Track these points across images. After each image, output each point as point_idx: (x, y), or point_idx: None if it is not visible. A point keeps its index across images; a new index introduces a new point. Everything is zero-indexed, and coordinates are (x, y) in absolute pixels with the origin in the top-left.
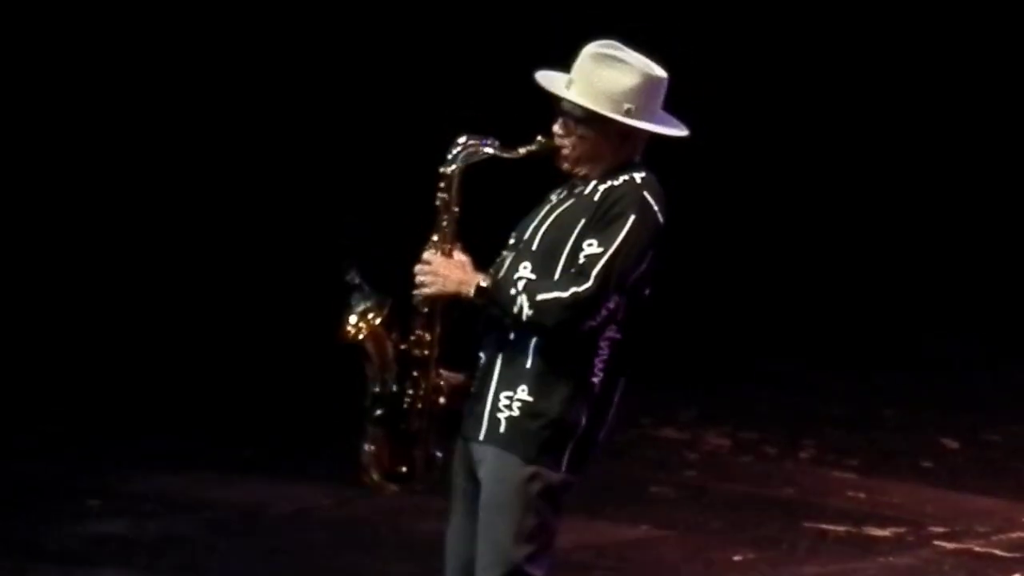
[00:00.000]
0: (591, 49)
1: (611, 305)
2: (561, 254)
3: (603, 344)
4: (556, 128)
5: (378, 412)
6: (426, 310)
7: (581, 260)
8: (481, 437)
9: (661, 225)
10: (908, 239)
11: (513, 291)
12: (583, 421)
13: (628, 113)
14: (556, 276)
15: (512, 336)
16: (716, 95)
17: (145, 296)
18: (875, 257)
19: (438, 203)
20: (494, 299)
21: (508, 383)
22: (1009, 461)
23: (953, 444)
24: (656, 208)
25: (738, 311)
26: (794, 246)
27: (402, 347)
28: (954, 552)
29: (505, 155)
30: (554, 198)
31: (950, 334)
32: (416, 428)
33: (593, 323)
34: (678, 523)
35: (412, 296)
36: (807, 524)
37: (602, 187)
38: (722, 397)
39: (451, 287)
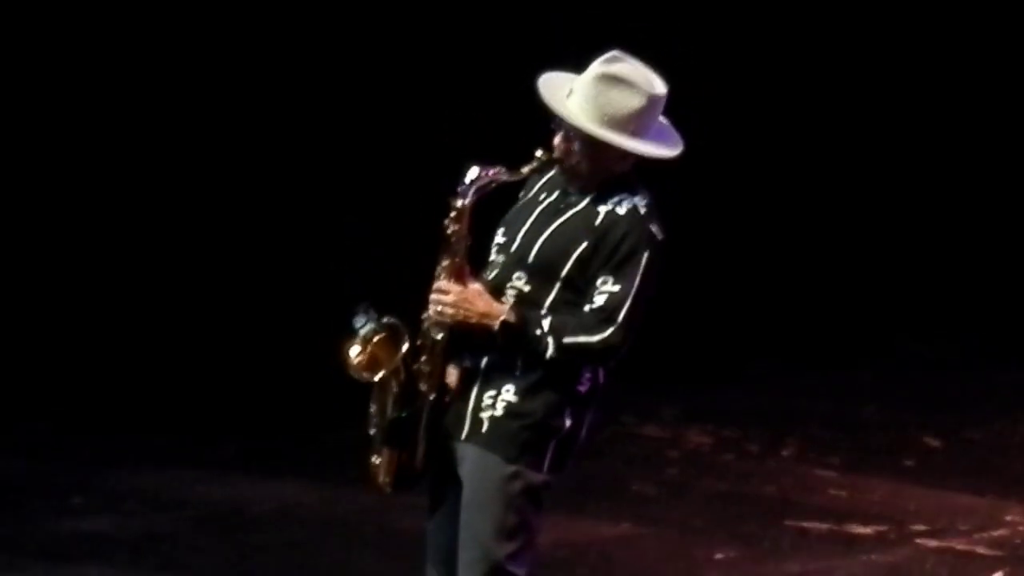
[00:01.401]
0: (598, 68)
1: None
2: (559, 273)
3: None
4: (556, 141)
5: (392, 437)
6: (440, 336)
7: (600, 301)
8: (463, 436)
9: (662, 250)
10: (889, 239)
11: (539, 331)
12: (567, 424)
13: (633, 134)
14: (552, 294)
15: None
16: (709, 99)
17: (128, 294)
18: (857, 257)
19: (449, 233)
20: (518, 335)
21: (493, 383)
22: (991, 459)
23: (935, 442)
24: (660, 236)
25: (721, 309)
26: (776, 246)
27: (413, 368)
28: (936, 550)
29: (512, 179)
30: (543, 198)
31: (932, 333)
32: (421, 438)
33: (614, 363)
34: (660, 521)
35: (424, 320)
36: (789, 522)
37: (602, 209)
38: (704, 395)
39: (474, 319)
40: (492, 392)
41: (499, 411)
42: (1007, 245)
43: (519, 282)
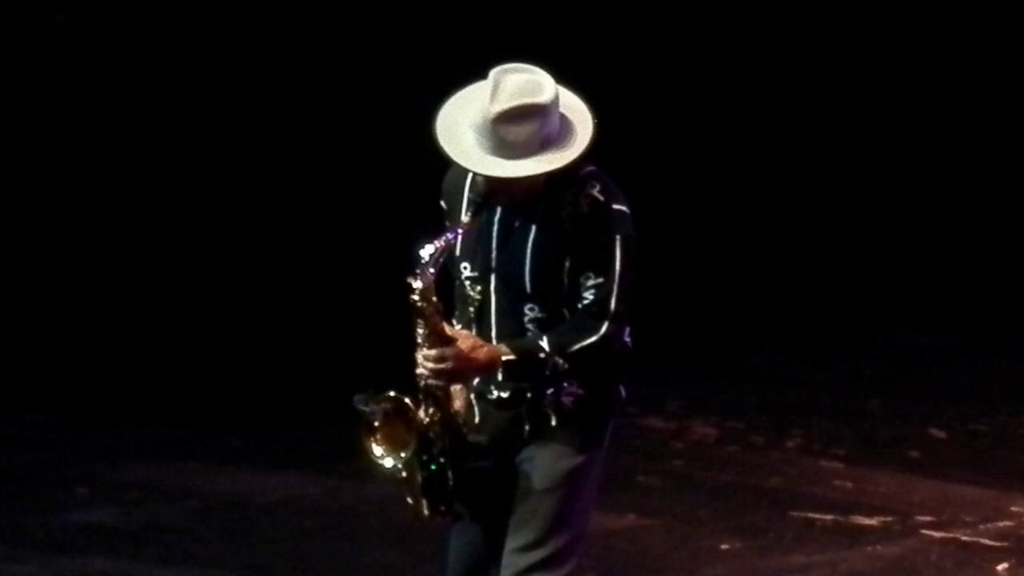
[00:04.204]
0: (490, 110)
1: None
2: (562, 293)
3: None
4: (480, 180)
5: (427, 490)
6: (441, 393)
7: (589, 296)
8: (526, 435)
9: (630, 214)
10: (894, 230)
11: (543, 354)
12: (622, 396)
13: (542, 148)
14: (568, 312)
15: (530, 335)
16: (706, 93)
17: (132, 286)
18: (861, 248)
19: (420, 307)
20: (526, 367)
21: (547, 380)
22: (996, 450)
23: (940, 434)
24: (624, 209)
25: (725, 301)
26: (781, 238)
27: (424, 424)
28: (941, 541)
29: (460, 230)
30: (493, 216)
31: (937, 324)
32: (450, 471)
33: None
34: (665, 512)
35: (425, 382)
36: (794, 513)
37: (565, 215)
38: (709, 387)
39: (479, 372)
40: (551, 389)
41: (565, 404)
42: (1012, 235)
43: (533, 313)
